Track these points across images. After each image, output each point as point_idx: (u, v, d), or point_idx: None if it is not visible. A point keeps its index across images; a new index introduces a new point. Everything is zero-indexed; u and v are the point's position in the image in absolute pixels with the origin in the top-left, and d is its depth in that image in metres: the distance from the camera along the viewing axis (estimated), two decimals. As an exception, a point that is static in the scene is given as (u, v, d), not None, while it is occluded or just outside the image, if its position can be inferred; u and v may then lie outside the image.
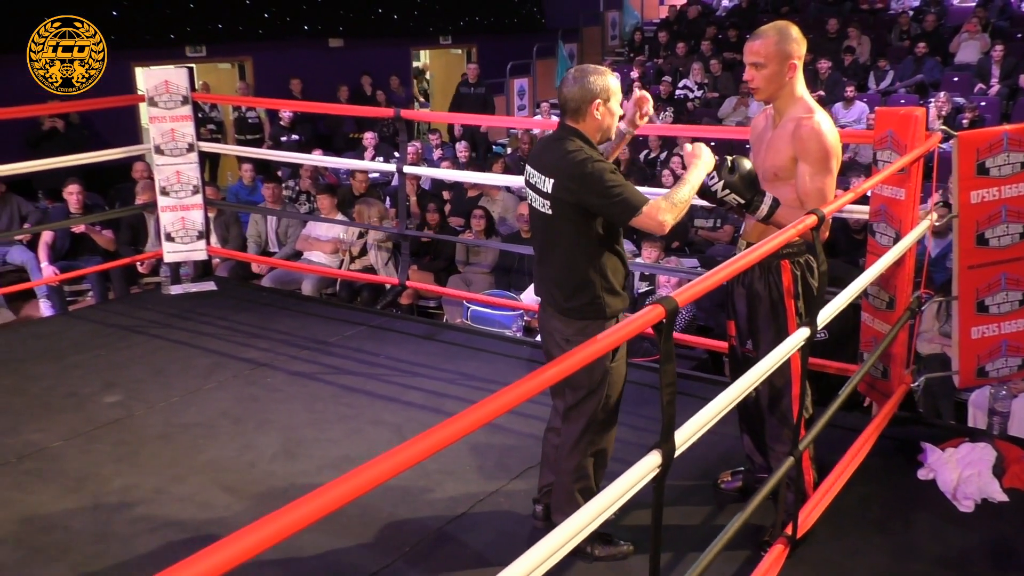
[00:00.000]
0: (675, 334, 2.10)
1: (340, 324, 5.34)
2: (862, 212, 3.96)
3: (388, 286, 6.58)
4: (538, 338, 5.78)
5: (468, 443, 3.76)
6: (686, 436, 2.05)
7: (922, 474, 3.47)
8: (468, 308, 6.33)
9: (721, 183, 2.83)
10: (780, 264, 2.89)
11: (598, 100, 2.74)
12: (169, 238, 5.85)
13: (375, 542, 3.11)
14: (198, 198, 5.83)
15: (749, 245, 2.88)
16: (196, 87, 6.16)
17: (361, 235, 7.07)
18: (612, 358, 2.82)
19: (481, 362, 4.78)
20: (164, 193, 5.78)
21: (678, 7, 15.20)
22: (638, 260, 6.46)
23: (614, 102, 2.78)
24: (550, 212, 2.79)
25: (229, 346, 4.98)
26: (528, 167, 2.89)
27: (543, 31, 15.30)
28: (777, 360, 2.43)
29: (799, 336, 2.57)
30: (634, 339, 2.18)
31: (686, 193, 2.70)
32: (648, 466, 1.93)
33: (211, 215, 6.62)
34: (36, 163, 5.83)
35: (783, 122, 2.87)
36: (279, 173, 9.28)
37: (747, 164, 2.87)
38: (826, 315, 2.72)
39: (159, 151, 5.73)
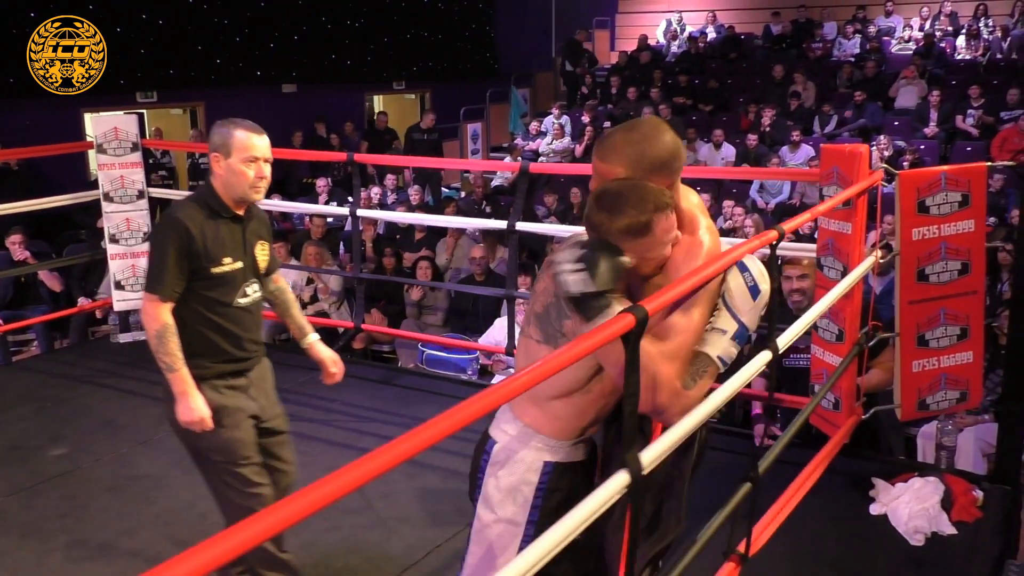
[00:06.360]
0: None
1: (294, 370, 5.25)
2: (809, 251, 4.03)
3: (341, 330, 6.54)
4: (494, 380, 5.79)
5: (423, 489, 3.74)
6: None
7: (874, 509, 3.51)
8: (423, 352, 6.31)
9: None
10: None
11: (217, 153, 2.64)
12: (119, 286, 5.75)
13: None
14: (148, 246, 5.76)
15: None
16: (148, 133, 6.09)
17: (309, 281, 7.04)
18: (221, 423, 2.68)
19: (438, 406, 4.66)
20: (114, 241, 5.70)
21: (628, 53, 15.47)
22: None
23: (235, 158, 2.61)
24: None
25: (180, 394, 4.89)
26: None
27: (496, 76, 15.48)
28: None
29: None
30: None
31: (175, 369, 2.58)
32: None
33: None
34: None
35: None
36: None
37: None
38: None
39: (108, 198, 5.66)
